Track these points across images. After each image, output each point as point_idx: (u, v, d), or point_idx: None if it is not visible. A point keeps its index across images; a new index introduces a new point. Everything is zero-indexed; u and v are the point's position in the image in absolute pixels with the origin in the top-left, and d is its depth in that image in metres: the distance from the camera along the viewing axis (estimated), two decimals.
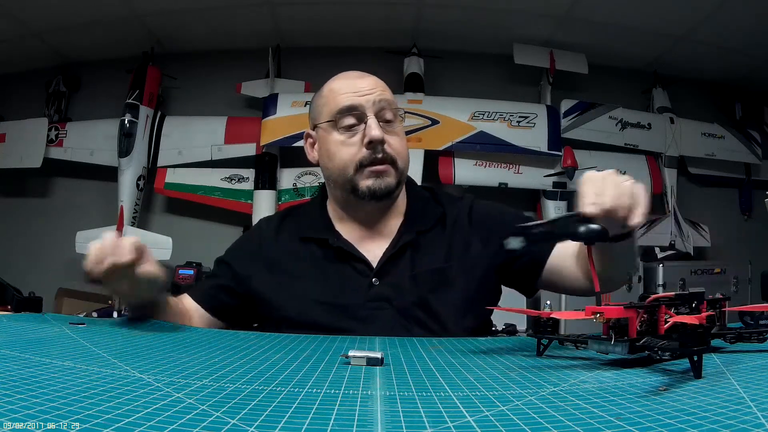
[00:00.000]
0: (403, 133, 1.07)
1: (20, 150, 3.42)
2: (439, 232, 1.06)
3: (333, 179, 1.06)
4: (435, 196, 1.13)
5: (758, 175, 3.96)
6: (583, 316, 0.55)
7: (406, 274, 1.01)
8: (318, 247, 1.05)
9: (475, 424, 0.34)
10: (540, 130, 3.48)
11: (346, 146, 1.02)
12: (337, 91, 1.04)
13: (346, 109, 1.01)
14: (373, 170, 1.01)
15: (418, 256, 1.03)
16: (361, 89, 1.02)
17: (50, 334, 0.70)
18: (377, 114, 1.01)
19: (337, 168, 1.03)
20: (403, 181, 1.06)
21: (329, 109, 1.04)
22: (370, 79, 1.06)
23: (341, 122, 1.02)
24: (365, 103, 1.01)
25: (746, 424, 0.33)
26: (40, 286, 2.10)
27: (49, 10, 3.10)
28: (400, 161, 1.03)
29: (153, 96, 3.44)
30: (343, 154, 1.02)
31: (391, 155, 1.01)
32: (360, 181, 1.01)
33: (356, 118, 1.01)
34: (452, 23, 3.47)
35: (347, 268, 1.02)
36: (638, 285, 3.27)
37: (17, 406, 0.35)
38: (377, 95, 1.02)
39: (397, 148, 1.03)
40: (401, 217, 1.08)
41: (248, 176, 3.45)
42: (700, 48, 3.54)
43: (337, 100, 1.03)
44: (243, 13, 3.34)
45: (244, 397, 0.40)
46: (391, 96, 1.05)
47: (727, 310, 0.67)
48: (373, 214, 1.06)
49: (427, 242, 1.05)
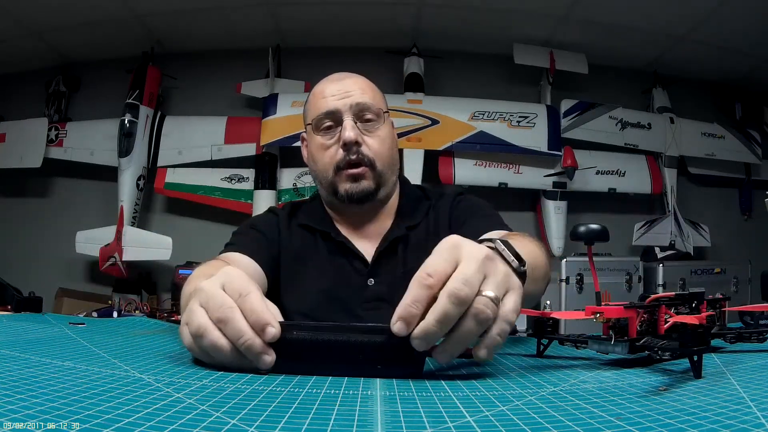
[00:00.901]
0: (387, 133, 1.05)
1: (20, 150, 3.42)
2: (425, 225, 1.07)
3: (318, 181, 1.08)
4: (425, 192, 1.14)
5: (758, 175, 3.96)
6: (583, 316, 0.55)
7: (398, 271, 1.01)
8: (321, 239, 1.06)
9: (475, 424, 0.34)
10: (540, 130, 3.49)
11: (326, 149, 1.03)
12: (318, 94, 1.05)
13: (324, 113, 1.02)
14: (349, 173, 1.01)
15: (409, 252, 1.04)
16: (340, 92, 1.02)
17: (50, 334, 0.70)
18: (356, 115, 1.01)
19: (319, 170, 1.05)
20: (385, 184, 1.05)
21: (311, 113, 1.05)
22: (352, 81, 1.06)
23: (321, 125, 1.03)
24: (342, 107, 1.01)
25: (746, 424, 0.33)
26: (40, 286, 2.11)
27: (49, 10, 3.11)
28: (379, 163, 1.02)
29: (153, 96, 3.44)
30: (323, 157, 1.03)
31: (368, 157, 1.01)
32: (339, 184, 1.02)
33: (334, 120, 1.02)
34: (452, 23, 3.47)
35: (346, 264, 1.03)
36: (638, 285, 3.28)
37: (17, 406, 0.35)
38: (355, 98, 1.02)
39: (377, 150, 1.02)
40: (393, 217, 1.08)
41: (248, 176, 3.46)
42: (700, 48, 3.55)
43: (317, 104, 1.04)
44: (243, 13, 3.34)
45: (244, 397, 0.40)
46: (372, 97, 1.04)
47: (727, 310, 0.67)
48: (361, 215, 1.07)
49: (418, 238, 1.05)
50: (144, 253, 3.21)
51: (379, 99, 1.07)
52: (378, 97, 1.07)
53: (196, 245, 3.29)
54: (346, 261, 1.03)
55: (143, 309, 3.03)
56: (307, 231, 1.08)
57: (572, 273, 3.17)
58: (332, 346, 0.49)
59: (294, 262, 1.05)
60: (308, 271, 1.04)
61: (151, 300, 3.40)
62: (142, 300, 3.30)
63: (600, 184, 3.60)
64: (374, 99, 1.05)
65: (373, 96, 1.05)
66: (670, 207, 3.58)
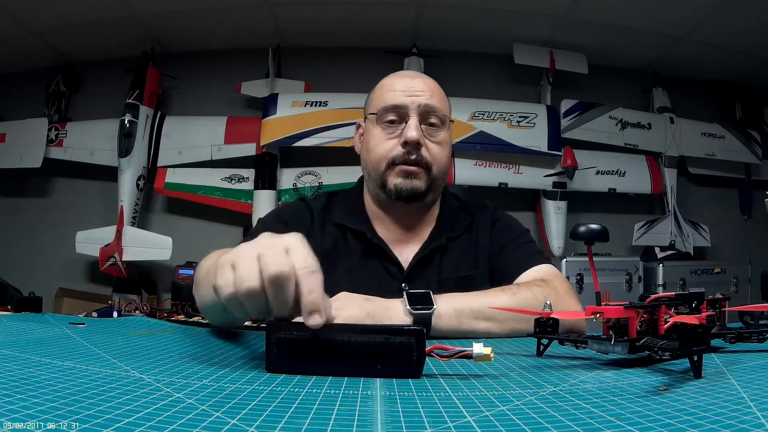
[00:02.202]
0: (447, 141, 1.06)
1: (20, 150, 3.42)
2: (466, 239, 1.08)
3: (368, 171, 1.07)
4: (463, 204, 1.14)
5: (758, 175, 3.96)
6: (583, 316, 0.55)
7: (433, 279, 1.01)
8: (355, 238, 1.05)
9: (475, 424, 0.34)
10: (540, 130, 3.49)
11: (384, 142, 1.02)
12: (387, 86, 1.05)
13: (391, 106, 1.02)
14: (403, 169, 1.01)
15: (445, 262, 1.04)
16: (410, 89, 1.02)
17: (50, 334, 0.70)
18: (421, 116, 1.01)
19: (372, 161, 1.04)
20: (435, 189, 1.05)
21: (376, 104, 1.05)
22: (423, 81, 1.05)
23: (384, 117, 1.02)
24: (410, 104, 1.01)
25: (746, 424, 0.33)
26: (40, 286, 2.10)
27: (49, 10, 3.10)
28: (435, 168, 1.03)
29: (153, 96, 3.44)
30: (379, 149, 1.02)
31: (426, 160, 1.01)
32: (389, 177, 1.02)
33: (399, 116, 1.01)
34: (452, 23, 3.47)
35: (380, 268, 1.03)
36: (638, 285, 3.28)
37: (17, 406, 0.35)
38: (425, 98, 1.01)
39: (435, 154, 1.02)
40: (433, 225, 1.09)
41: (248, 176, 3.45)
42: (700, 48, 3.55)
43: (384, 96, 1.03)
44: (243, 13, 3.34)
45: (244, 397, 0.40)
46: (440, 102, 1.04)
47: (727, 310, 0.67)
48: (406, 216, 1.06)
49: (455, 249, 1.06)
50: (144, 253, 3.21)
51: (445, 105, 1.06)
52: (444, 103, 1.06)
53: (196, 245, 3.29)
54: (379, 264, 1.03)
55: (143, 309, 3.03)
56: (340, 229, 1.07)
57: (572, 273, 3.17)
58: (332, 347, 0.49)
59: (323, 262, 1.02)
60: (338, 273, 1.01)
61: (151, 300, 3.40)
62: (142, 300, 3.30)
63: (600, 184, 3.60)
64: (441, 104, 1.04)
65: (440, 101, 1.05)
66: (670, 207, 3.58)
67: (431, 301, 0.82)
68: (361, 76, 1.00)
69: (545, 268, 1.03)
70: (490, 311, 0.83)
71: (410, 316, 0.80)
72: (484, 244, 1.08)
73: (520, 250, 1.07)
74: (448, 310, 0.82)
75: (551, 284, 0.94)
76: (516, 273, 1.02)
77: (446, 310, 0.82)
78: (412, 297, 0.82)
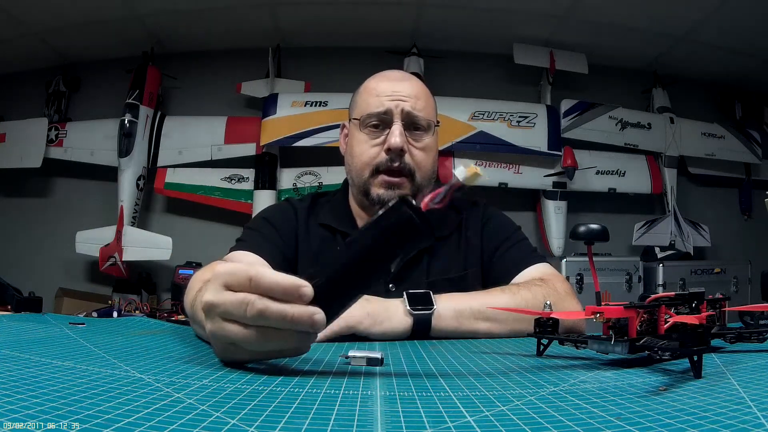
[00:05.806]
0: (432, 145, 1.05)
1: (20, 150, 3.42)
2: (456, 239, 1.07)
3: (352, 176, 1.06)
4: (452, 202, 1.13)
5: (758, 175, 3.97)
6: (583, 316, 0.55)
7: (422, 280, 1.01)
8: (342, 239, 1.05)
9: (475, 424, 0.34)
10: (540, 130, 3.49)
11: (368, 147, 1.01)
12: (371, 90, 1.04)
13: (375, 114, 1.01)
14: (386, 180, 1.00)
15: (434, 263, 1.03)
16: (394, 93, 1.01)
17: (50, 334, 0.70)
18: (405, 122, 1.00)
19: (356, 168, 1.03)
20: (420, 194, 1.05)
21: (360, 108, 1.04)
22: (409, 84, 1.04)
23: (368, 122, 1.01)
24: (394, 109, 1.00)
25: (746, 424, 0.33)
26: (40, 286, 2.11)
27: (49, 10, 3.11)
28: (419, 174, 1.02)
29: (153, 96, 3.44)
30: (363, 155, 1.02)
31: (409, 167, 1.00)
32: (372, 186, 1.01)
33: (383, 121, 1.01)
34: (452, 23, 3.47)
35: None
36: (638, 285, 3.28)
37: (17, 406, 0.35)
38: (409, 105, 1.00)
39: (419, 161, 1.01)
40: None
41: (248, 176, 3.46)
42: (700, 48, 3.55)
43: (369, 101, 1.02)
44: (243, 13, 3.34)
45: (244, 397, 0.40)
46: (425, 106, 1.03)
47: (727, 310, 0.67)
48: None
49: (445, 249, 1.05)
50: (144, 253, 3.21)
51: (431, 109, 1.05)
52: (430, 107, 1.05)
53: (196, 245, 3.30)
54: None
55: (143, 309, 3.03)
56: (327, 230, 1.06)
57: (572, 273, 3.17)
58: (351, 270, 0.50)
59: (310, 264, 1.04)
60: None
61: (151, 300, 3.40)
62: (142, 300, 3.30)
63: (600, 184, 3.60)
64: (426, 109, 1.03)
65: (425, 106, 1.03)
66: (670, 207, 3.58)
67: (431, 302, 0.82)
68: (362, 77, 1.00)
69: (542, 267, 1.03)
70: (491, 311, 0.83)
71: (410, 317, 0.80)
72: (475, 244, 1.07)
73: (515, 249, 1.06)
74: (448, 311, 0.82)
75: (551, 284, 0.94)
76: (512, 273, 1.02)
77: (446, 311, 0.82)
78: (412, 297, 0.81)
